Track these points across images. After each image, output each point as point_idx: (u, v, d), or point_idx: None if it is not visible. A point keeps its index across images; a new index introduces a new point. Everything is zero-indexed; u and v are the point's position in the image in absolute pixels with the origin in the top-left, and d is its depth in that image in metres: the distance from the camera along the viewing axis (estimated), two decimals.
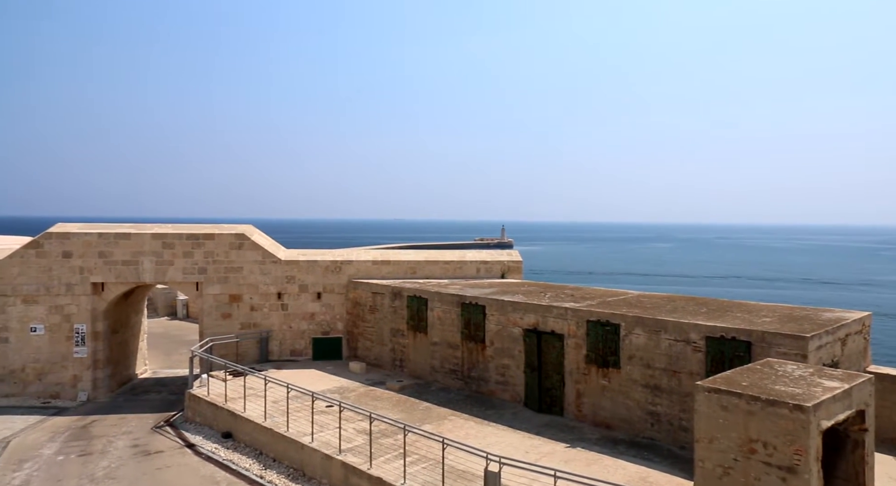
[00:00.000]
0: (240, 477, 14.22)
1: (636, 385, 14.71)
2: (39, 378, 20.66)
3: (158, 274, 21.52)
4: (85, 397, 20.68)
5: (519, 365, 17.34)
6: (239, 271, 22.04)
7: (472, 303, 18.59)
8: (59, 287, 20.75)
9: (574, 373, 16.04)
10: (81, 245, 20.93)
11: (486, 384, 18.19)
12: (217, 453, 15.64)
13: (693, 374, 13.55)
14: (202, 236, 21.84)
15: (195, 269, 21.73)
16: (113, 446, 16.35)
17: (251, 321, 22.10)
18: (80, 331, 20.81)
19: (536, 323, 16.93)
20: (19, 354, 20.59)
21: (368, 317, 22.14)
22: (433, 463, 12.57)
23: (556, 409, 16.43)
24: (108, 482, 14.09)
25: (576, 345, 16.01)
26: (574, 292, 19.32)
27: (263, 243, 22.72)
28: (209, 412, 17.47)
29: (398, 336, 21.08)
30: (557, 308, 16.48)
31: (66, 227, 21.43)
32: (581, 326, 15.87)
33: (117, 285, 21.31)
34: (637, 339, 14.71)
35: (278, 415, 15.76)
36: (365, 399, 17.41)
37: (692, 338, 13.72)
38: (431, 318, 19.85)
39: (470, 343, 18.68)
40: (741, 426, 9.17)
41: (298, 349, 22.50)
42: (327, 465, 13.52)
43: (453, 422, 15.62)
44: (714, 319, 14.19)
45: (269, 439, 15.22)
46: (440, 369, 19.60)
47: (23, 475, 14.50)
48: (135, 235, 21.39)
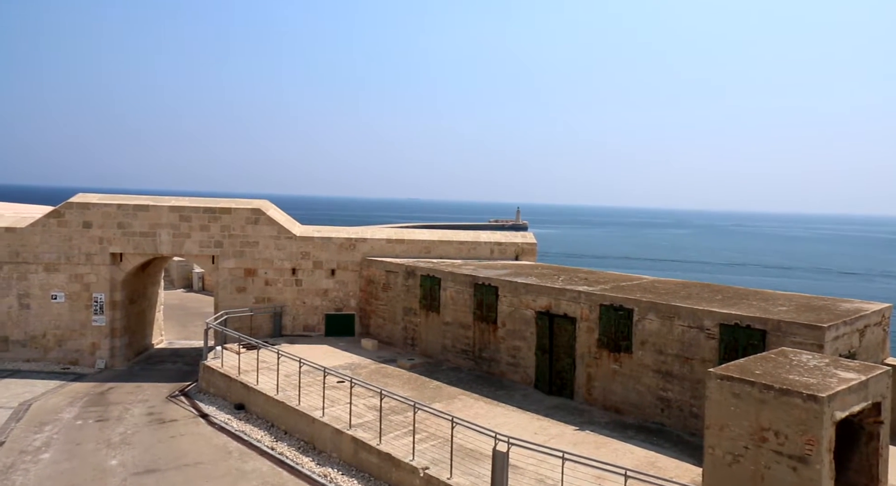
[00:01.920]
0: (251, 448, 14.46)
1: (648, 371, 14.67)
2: (59, 345, 21.09)
3: (175, 246, 21.73)
4: (103, 364, 21.09)
5: (530, 347, 17.35)
6: (254, 246, 22.18)
7: (485, 284, 18.57)
8: (79, 256, 21.05)
9: (585, 357, 16.02)
10: (101, 216, 21.17)
11: (497, 365, 18.25)
12: (230, 423, 15.91)
13: (706, 361, 13.47)
14: (219, 210, 21.98)
15: (211, 242, 21.90)
16: (129, 413, 16.69)
17: (265, 296, 22.30)
18: (98, 300, 21.15)
19: (549, 306, 16.89)
20: (40, 320, 21.00)
21: (381, 295, 22.23)
22: (442, 441, 12.68)
23: (567, 392, 16.45)
24: (124, 447, 14.41)
25: (588, 329, 15.96)
26: (588, 276, 19.22)
27: (279, 218, 22.81)
28: (222, 383, 17.74)
29: (410, 315, 21.16)
30: (571, 291, 16.41)
31: (86, 197, 21.66)
32: (594, 310, 15.80)
33: (135, 256, 21.57)
34: (650, 324, 14.63)
35: (290, 389, 15.95)
36: (376, 376, 17.55)
37: (706, 325, 13.61)
38: (444, 298, 19.89)
39: (482, 324, 18.70)
40: (753, 414, 9.11)
41: (311, 325, 22.70)
42: (337, 439, 13.69)
43: (463, 401, 15.71)
44: (729, 306, 14.05)
45: (281, 412, 15.44)
46: (451, 349, 19.68)
47: (43, 437, 14.87)
48: (153, 207, 21.57)
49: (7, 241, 20.82)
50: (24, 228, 20.92)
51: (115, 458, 13.83)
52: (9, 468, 13.19)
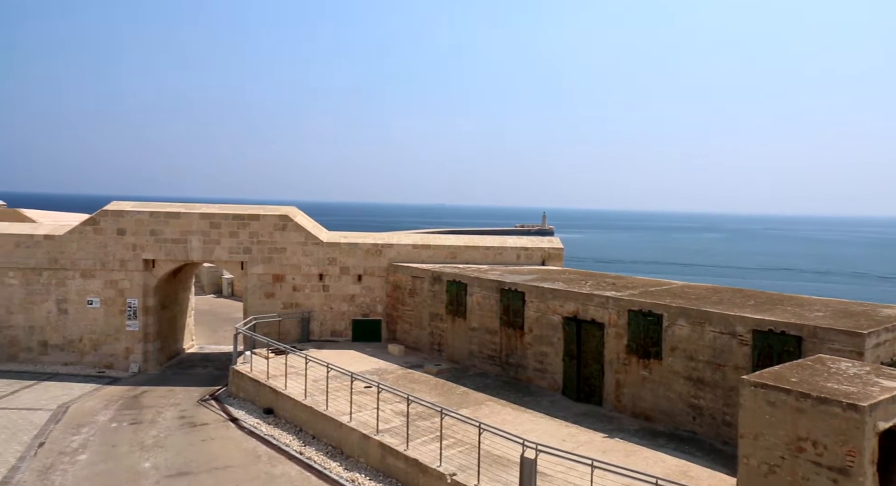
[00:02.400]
0: (280, 452, 14.59)
1: (678, 377, 14.40)
2: (95, 349, 21.60)
3: (206, 253, 22.10)
4: (136, 368, 21.52)
5: (558, 353, 17.19)
6: (282, 252, 22.44)
7: (512, 289, 18.48)
8: (113, 263, 21.55)
9: (614, 363, 15.80)
10: (134, 223, 21.66)
11: (524, 371, 18.11)
12: (259, 428, 16.07)
13: (738, 368, 13.17)
14: (247, 217, 22.30)
15: (240, 248, 22.23)
16: (161, 416, 16.98)
17: (293, 301, 22.52)
18: (132, 305, 21.62)
19: (576, 311, 16.72)
20: (77, 325, 21.55)
21: (408, 300, 22.27)
22: (469, 447, 12.61)
23: (595, 398, 16.25)
24: (157, 450, 14.66)
25: (616, 334, 15.75)
26: (616, 281, 18.98)
27: (306, 224, 23.05)
28: (252, 387, 17.94)
29: (437, 320, 21.16)
30: (598, 297, 16.22)
31: (120, 205, 22.19)
32: (622, 315, 15.59)
33: (167, 263, 22.00)
34: (680, 330, 14.37)
35: (318, 394, 16.06)
36: (403, 382, 17.57)
37: (738, 331, 13.31)
38: (470, 303, 19.83)
39: (508, 329, 18.60)
40: (789, 423, 8.86)
41: (338, 330, 22.84)
42: (365, 444, 13.73)
43: (490, 408, 15.62)
44: (762, 312, 13.72)
45: (309, 416, 15.54)
46: (478, 355, 19.61)
47: (80, 438, 15.23)
48: (184, 214, 21.99)
49: (46, 248, 21.43)
50: (62, 235, 21.51)
51: (148, 460, 14.07)
52: (48, 468, 13.52)
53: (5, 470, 13.25)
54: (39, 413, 16.82)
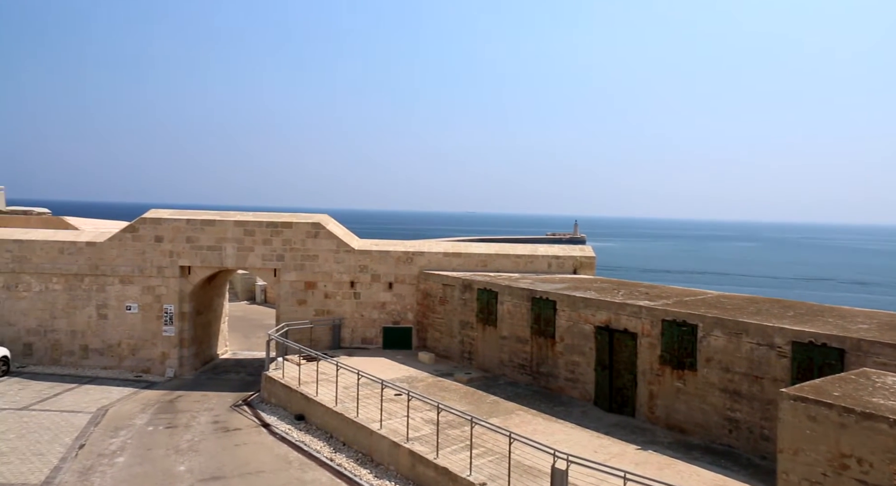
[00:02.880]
0: (311, 458, 14.69)
1: (714, 389, 14.07)
2: (133, 353, 22.13)
3: (240, 260, 22.49)
4: (172, 373, 21.96)
5: (589, 363, 16.97)
6: (314, 259, 22.70)
7: (543, 298, 18.34)
8: (151, 269, 22.09)
9: (647, 373, 15.54)
10: (171, 230, 22.17)
11: (555, 381, 17.93)
12: (290, 434, 16.22)
13: (777, 380, 12.81)
14: (281, 225, 22.64)
15: (273, 256, 22.56)
16: (196, 421, 17.28)
17: (325, 308, 22.74)
18: (168, 311, 22.10)
19: (609, 320, 16.51)
20: (116, 330, 22.12)
21: (438, 308, 22.29)
22: (499, 457, 12.52)
23: (628, 409, 15.98)
24: (191, 454, 14.91)
25: (650, 345, 15.49)
26: (649, 290, 18.69)
27: (338, 232, 23.28)
28: (283, 393, 18.14)
29: (467, 329, 21.11)
30: (631, 306, 15.99)
31: (158, 213, 22.75)
32: (656, 325, 15.33)
33: (203, 269, 22.45)
34: (716, 341, 14.06)
35: (349, 401, 16.15)
36: (433, 390, 17.55)
37: (777, 342, 12.96)
38: (501, 311, 19.75)
39: (539, 338, 18.45)
40: (832, 439, 8.57)
41: (369, 337, 22.96)
42: (395, 452, 13.74)
43: (521, 417, 15.49)
44: (802, 323, 13.34)
45: (340, 423, 15.63)
46: (509, 364, 19.49)
47: (118, 441, 15.59)
48: (219, 222, 22.43)
49: (88, 254, 22.09)
50: (102, 242, 22.15)
51: (183, 464, 14.32)
52: (88, 469, 13.87)
53: (48, 470, 13.64)
54: (80, 416, 17.27)
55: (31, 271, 22.06)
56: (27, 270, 22.05)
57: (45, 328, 22.13)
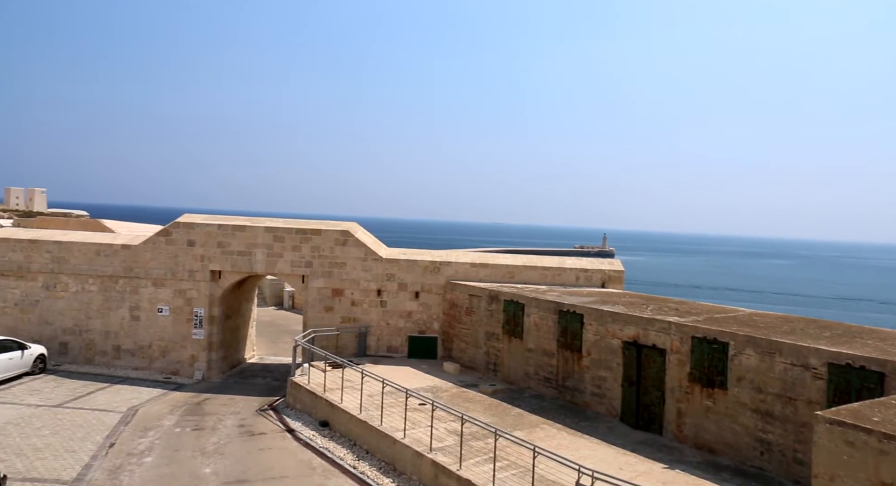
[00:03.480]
0: (334, 465, 14.73)
1: (745, 409, 13.73)
2: (163, 355, 22.54)
3: (269, 265, 22.79)
4: (200, 376, 22.29)
5: (616, 378, 16.73)
6: (342, 267, 22.88)
7: (570, 311, 18.17)
8: (182, 273, 22.52)
9: (676, 391, 15.24)
10: (203, 235, 22.60)
11: (581, 395, 17.71)
12: (314, 440, 16.30)
13: (812, 403, 12.45)
14: (310, 232, 22.89)
15: (302, 262, 22.80)
16: (222, 424, 17.48)
17: (351, 316, 22.87)
18: (198, 314, 22.48)
19: (637, 336, 16.26)
20: (148, 331, 22.57)
21: (464, 319, 22.24)
22: (523, 471, 12.38)
23: (655, 427, 15.69)
24: (217, 456, 15.08)
25: (678, 361, 15.20)
26: (678, 306, 18.38)
27: (366, 240, 23.45)
28: (308, 399, 18.26)
29: (493, 340, 21.01)
30: (660, 322, 15.74)
31: (191, 218, 23.22)
32: (685, 342, 15.05)
33: (233, 274, 22.80)
34: (747, 360, 13.73)
35: (373, 409, 16.17)
36: (457, 400, 17.48)
37: (812, 364, 12.60)
38: (527, 324, 19.62)
39: (566, 352, 18.26)
40: (871, 466, 8.28)
41: (395, 346, 23.01)
42: (418, 462, 13.69)
43: (545, 431, 15.32)
44: (839, 344, 12.95)
45: (364, 431, 15.66)
46: (534, 376, 19.32)
47: (147, 441, 15.86)
48: (249, 227, 22.79)
49: (123, 257, 22.63)
50: (137, 245, 22.68)
51: (208, 466, 14.49)
52: (117, 468, 14.13)
53: (80, 467, 13.93)
54: (111, 415, 17.63)
55: (68, 272, 22.67)
56: (65, 270, 22.67)
57: (80, 328, 22.69)
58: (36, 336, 22.45)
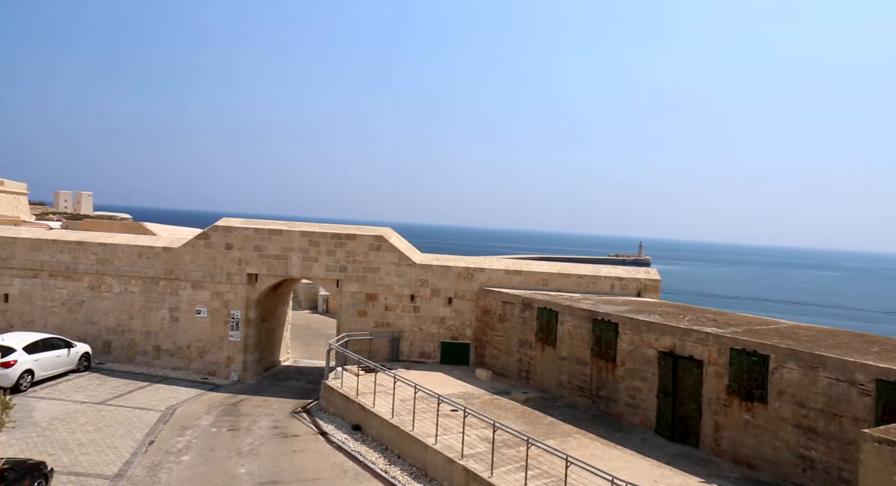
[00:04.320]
0: (366, 469, 14.80)
1: (786, 424, 13.32)
2: (201, 356, 23.03)
3: (304, 269, 23.11)
4: (236, 377, 22.70)
5: (651, 389, 16.42)
6: (376, 272, 23.05)
7: (605, 320, 17.93)
8: (220, 275, 22.99)
9: (713, 403, 14.88)
10: (241, 239, 23.05)
11: (615, 405, 17.43)
12: (346, 443, 16.42)
13: (858, 420, 12.00)
14: (345, 236, 23.14)
15: (337, 267, 23.06)
16: (257, 425, 17.75)
17: (384, 321, 23.01)
18: (235, 317, 22.91)
19: (673, 346, 15.95)
20: (186, 333, 23.10)
21: (497, 326, 22.15)
22: (555, 480, 12.24)
23: (691, 439, 15.33)
24: (252, 457, 15.31)
25: (716, 373, 14.85)
26: (717, 317, 17.97)
27: (400, 245, 23.58)
28: (341, 403, 18.41)
29: (526, 347, 20.86)
30: (698, 332, 15.40)
31: (229, 222, 23.72)
32: (724, 353, 14.69)
33: (269, 277, 23.18)
34: (789, 374, 13.33)
35: (405, 414, 16.21)
36: (489, 407, 17.40)
37: (858, 379, 12.16)
38: (561, 331, 19.43)
39: (600, 361, 18.02)
40: None
41: (427, 352, 23.04)
42: (449, 468, 13.66)
43: (578, 440, 15.13)
44: (889, 360, 12.47)
45: (395, 436, 15.70)
46: (567, 385, 19.11)
47: (184, 440, 16.21)
48: (286, 232, 23.16)
49: (164, 259, 23.24)
50: (177, 248, 23.26)
51: (243, 466, 14.72)
52: (156, 465, 14.48)
53: (121, 463, 14.32)
54: (151, 413, 18.08)
55: (112, 273, 23.39)
56: (109, 272, 23.39)
57: (122, 328, 23.36)
58: (81, 335, 23.20)
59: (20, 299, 23.53)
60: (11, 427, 15.80)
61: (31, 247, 23.55)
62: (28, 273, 23.54)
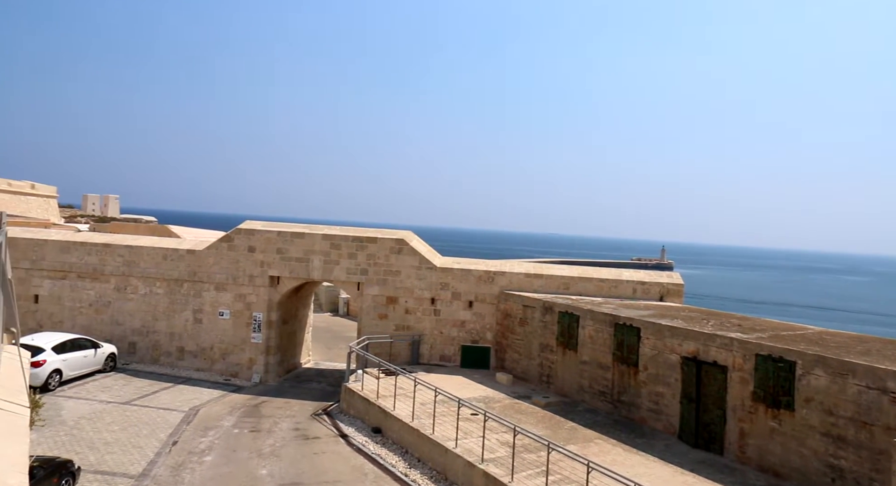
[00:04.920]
0: (386, 472, 14.81)
1: (814, 432, 13.03)
2: (223, 357, 23.28)
3: (326, 272, 23.25)
4: (257, 379, 22.90)
5: (675, 394, 16.20)
6: (397, 275, 23.11)
7: (627, 324, 17.75)
8: (243, 278, 23.25)
9: (738, 410, 14.63)
10: (264, 241, 23.28)
11: (637, 411, 17.23)
12: (367, 446, 16.45)
13: (890, 429, 11.70)
14: (366, 239, 23.25)
15: (357, 270, 23.17)
16: (278, 427, 17.88)
17: (405, 324, 23.04)
18: (257, 319, 23.13)
19: (696, 351, 15.72)
20: (209, 334, 23.38)
21: (518, 329, 22.05)
22: None
23: (715, 447, 15.09)
24: (273, 459, 15.42)
25: (741, 379, 14.59)
26: (741, 322, 17.68)
27: (421, 249, 23.61)
28: (362, 405, 18.46)
29: (546, 351, 20.74)
30: (722, 337, 15.16)
31: (252, 224, 23.98)
32: (749, 359, 14.44)
33: (291, 280, 23.38)
34: (817, 381, 13.05)
35: (425, 417, 16.20)
36: (509, 412, 17.32)
37: (891, 387, 11.85)
38: (582, 336, 19.27)
39: (621, 366, 17.83)
40: None
41: (447, 355, 23.02)
42: (469, 472, 13.62)
43: (599, 446, 14.98)
44: None
45: (415, 439, 15.70)
46: (588, 390, 18.94)
47: (207, 441, 16.39)
48: (308, 235, 23.33)
49: (188, 261, 23.56)
50: (201, 250, 23.57)
51: (264, 468, 14.83)
52: (180, 465, 14.66)
53: (145, 463, 14.53)
54: (174, 414, 18.32)
55: (138, 275, 23.78)
56: (135, 273, 23.79)
57: (147, 329, 23.73)
58: (107, 336, 23.61)
59: (49, 300, 24.04)
60: (41, 425, 16.12)
61: (60, 249, 24.06)
62: (57, 275, 24.04)
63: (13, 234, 23.79)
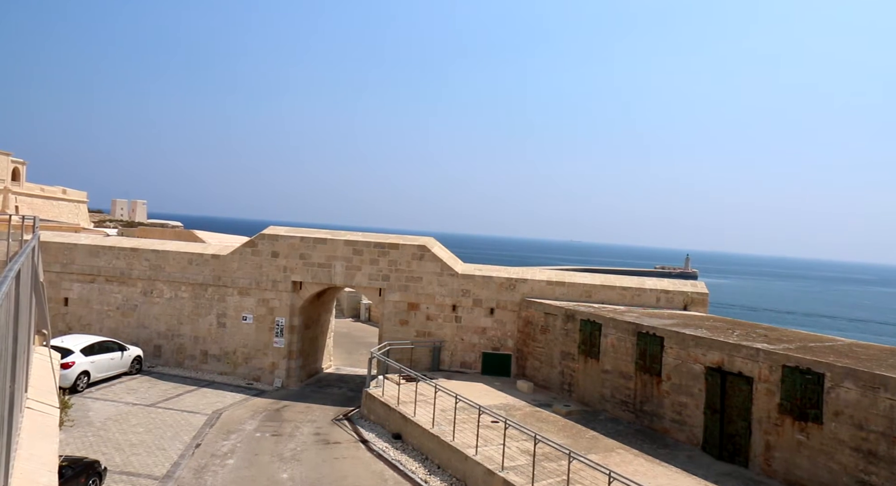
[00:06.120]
0: (406, 478, 14.81)
1: (843, 447, 12.73)
2: (246, 362, 23.54)
3: (347, 278, 23.41)
4: (279, 383, 23.09)
5: (698, 405, 15.96)
6: (418, 281, 23.16)
7: (650, 333, 17.55)
8: (266, 283, 23.50)
9: (764, 422, 14.35)
10: (287, 247, 23.53)
11: (660, 421, 17.00)
12: (387, 452, 16.48)
13: None
14: (388, 246, 23.36)
15: (379, 276, 23.27)
16: (299, 431, 18.00)
17: (426, 330, 23.07)
18: (280, 323, 23.35)
19: (721, 362, 15.48)
20: (233, 338, 23.66)
21: (539, 337, 21.93)
22: None
23: (740, 459, 14.81)
24: (294, 463, 15.52)
25: (767, 391, 14.32)
26: (768, 333, 17.37)
27: (442, 255, 23.64)
28: (382, 411, 18.50)
29: (568, 360, 20.59)
30: (747, 348, 14.91)
31: (275, 230, 24.26)
32: (775, 370, 14.17)
33: (313, 285, 23.57)
34: (847, 394, 12.75)
35: (445, 424, 16.18)
36: (530, 420, 17.21)
37: None
38: (604, 344, 19.10)
39: (644, 375, 17.63)
40: None
41: (468, 362, 22.98)
42: (489, 480, 13.55)
43: (621, 456, 14.80)
44: None
45: (436, 446, 15.68)
46: (610, 399, 18.74)
47: (229, 444, 16.57)
48: (330, 240, 23.52)
49: (212, 266, 23.91)
50: (225, 255, 23.90)
51: (285, 472, 14.94)
52: (202, 468, 14.83)
53: (169, 465, 14.74)
54: (197, 417, 18.55)
55: (164, 279, 24.19)
56: (161, 278, 24.21)
57: (172, 333, 24.10)
58: (134, 339, 24.03)
59: (79, 303, 24.56)
60: (70, 426, 16.45)
61: (89, 253, 24.58)
62: (86, 278, 24.56)
63: (45, 238, 24.39)
